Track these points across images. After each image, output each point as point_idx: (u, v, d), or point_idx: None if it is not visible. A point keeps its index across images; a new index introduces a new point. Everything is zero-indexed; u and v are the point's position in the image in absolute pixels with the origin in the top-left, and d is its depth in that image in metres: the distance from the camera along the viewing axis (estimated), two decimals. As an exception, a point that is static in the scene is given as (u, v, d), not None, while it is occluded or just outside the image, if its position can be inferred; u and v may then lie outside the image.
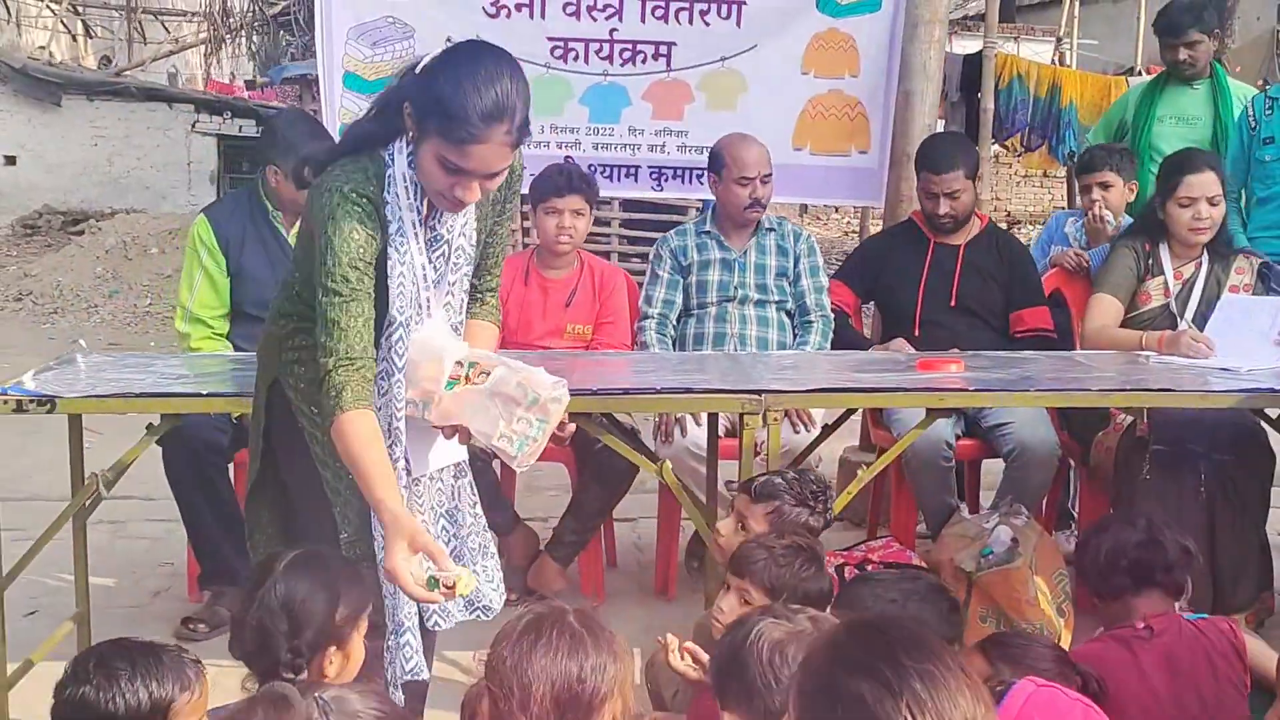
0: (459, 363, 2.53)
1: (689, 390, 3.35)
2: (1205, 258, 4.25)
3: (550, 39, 5.21)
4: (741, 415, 3.31)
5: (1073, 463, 4.50)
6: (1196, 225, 4.16)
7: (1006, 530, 3.75)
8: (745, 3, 5.20)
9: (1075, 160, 9.35)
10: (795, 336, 4.49)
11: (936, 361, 3.76)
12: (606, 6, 5.20)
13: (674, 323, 4.50)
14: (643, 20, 5.23)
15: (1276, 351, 3.74)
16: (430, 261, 2.52)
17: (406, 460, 2.53)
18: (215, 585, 4.12)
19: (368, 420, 2.38)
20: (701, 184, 5.14)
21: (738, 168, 4.44)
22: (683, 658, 2.42)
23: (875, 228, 5.66)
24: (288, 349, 2.63)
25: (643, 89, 5.30)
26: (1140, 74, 13.45)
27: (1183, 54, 5.18)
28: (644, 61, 5.28)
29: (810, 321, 4.47)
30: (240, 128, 15.02)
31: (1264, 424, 3.97)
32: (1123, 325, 4.25)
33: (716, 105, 5.30)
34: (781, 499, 2.89)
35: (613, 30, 5.24)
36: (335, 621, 2.23)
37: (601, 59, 5.27)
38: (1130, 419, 4.01)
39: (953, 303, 4.45)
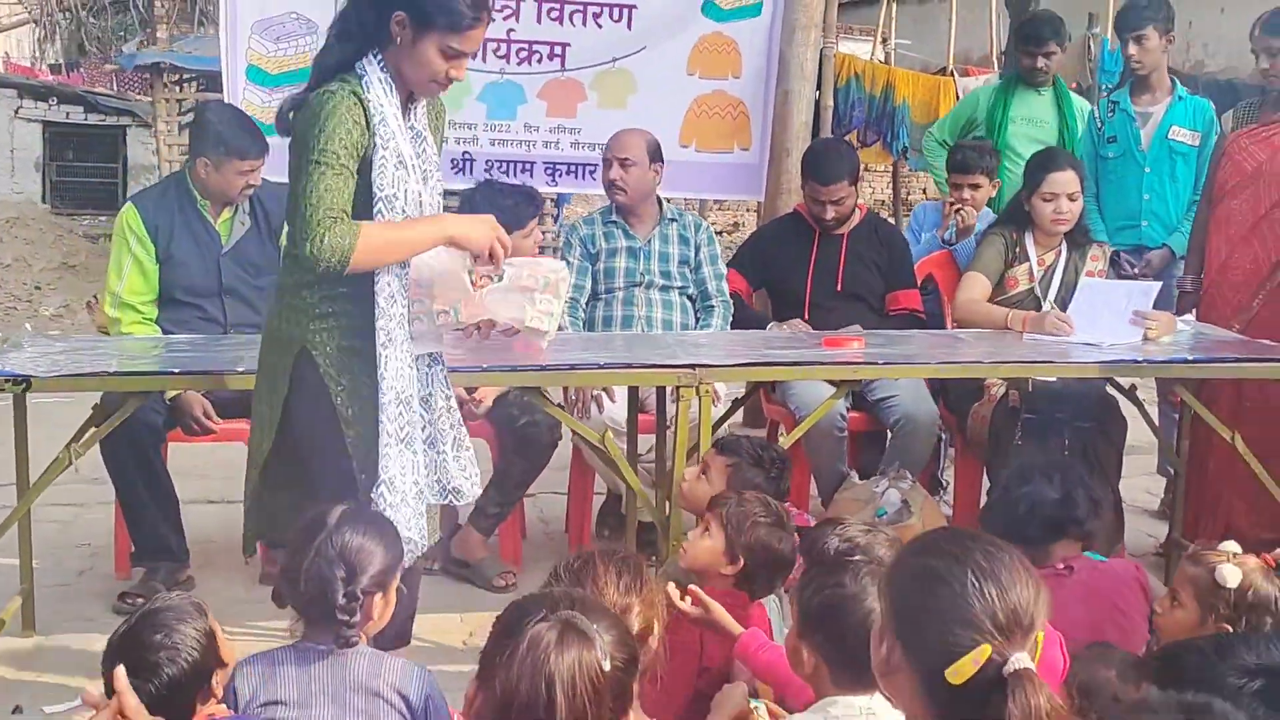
0: (470, 270, 2.85)
1: (629, 365, 3.65)
2: (1064, 247, 4.73)
3: (450, 37, 5.44)
4: (678, 388, 3.62)
5: (943, 435, 4.95)
6: (1058, 217, 4.63)
7: (896, 493, 4.16)
8: (635, 6, 5.54)
9: (906, 155, 9.96)
10: (697, 319, 4.82)
11: (841, 339, 4.15)
12: (504, 7, 5.45)
13: (584, 306, 4.79)
14: (539, 21, 5.52)
15: (1131, 329, 4.23)
16: (415, 153, 2.86)
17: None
18: (149, 562, 4.24)
19: (370, 226, 2.74)
20: (594, 180, 5.44)
21: (607, 151, 4.79)
22: (683, 598, 2.70)
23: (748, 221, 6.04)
24: (315, 317, 2.85)
25: (538, 87, 5.59)
26: (952, 74, 14.27)
27: (1040, 62, 5.67)
28: (539, 61, 5.57)
29: (711, 306, 4.81)
30: (68, 114, 14.66)
31: (1119, 394, 4.47)
32: (992, 307, 4.71)
33: (608, 103, 5.62)
34: (741, 457, 3.23)
35: (510, 30, 5.51)
36: (384, 568, 2.46)
37: (499, 58, 5.54)
38: (1003, 391, 4.47)
39: (839, 288, 4.83)
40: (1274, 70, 4.43)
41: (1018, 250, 4.74)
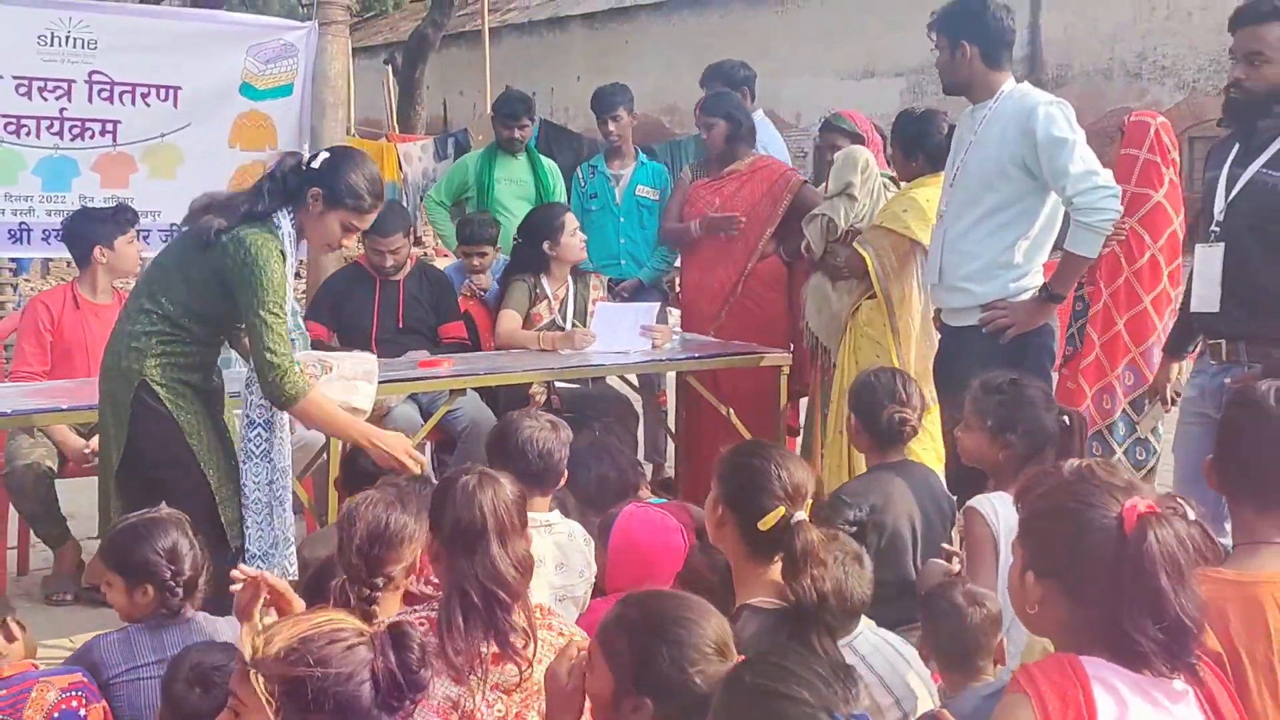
0: (311, 365, 3.77)
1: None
2: (570, 281, 6.01)
3: (3, 115, 5.81)
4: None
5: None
6: (581, 248, 5.88)
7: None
8: (180, 87, 6.18)
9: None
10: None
11: (434, 361, 5.16)
12: (56, 87, 5.89)
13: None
14: (90, 101, 6.00)
15: (643, 340, 5.57)
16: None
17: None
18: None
19: (321, 396, 3.59)
20: (145, 244, 6.01)
21: None
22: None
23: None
24: (152, 355, 3.56)
25: (92, 161, 6.05)
26: (354, 135, 15.50)
27: (516, 133, 6.91)
28: (92, 137, 6.04)
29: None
30: None
31: (630, 390, 5.84)
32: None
33: (158, 174, 6.20)
34: None
35: (63, 109, 5.95)
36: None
37: (52, 134, 5.95)
38: (545, 396, 5.68)
39: (400, 325, 5.81)
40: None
41: (538, 291, 5.94)
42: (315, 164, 3.66)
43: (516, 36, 26.43)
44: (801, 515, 2.68)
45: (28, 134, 5.89)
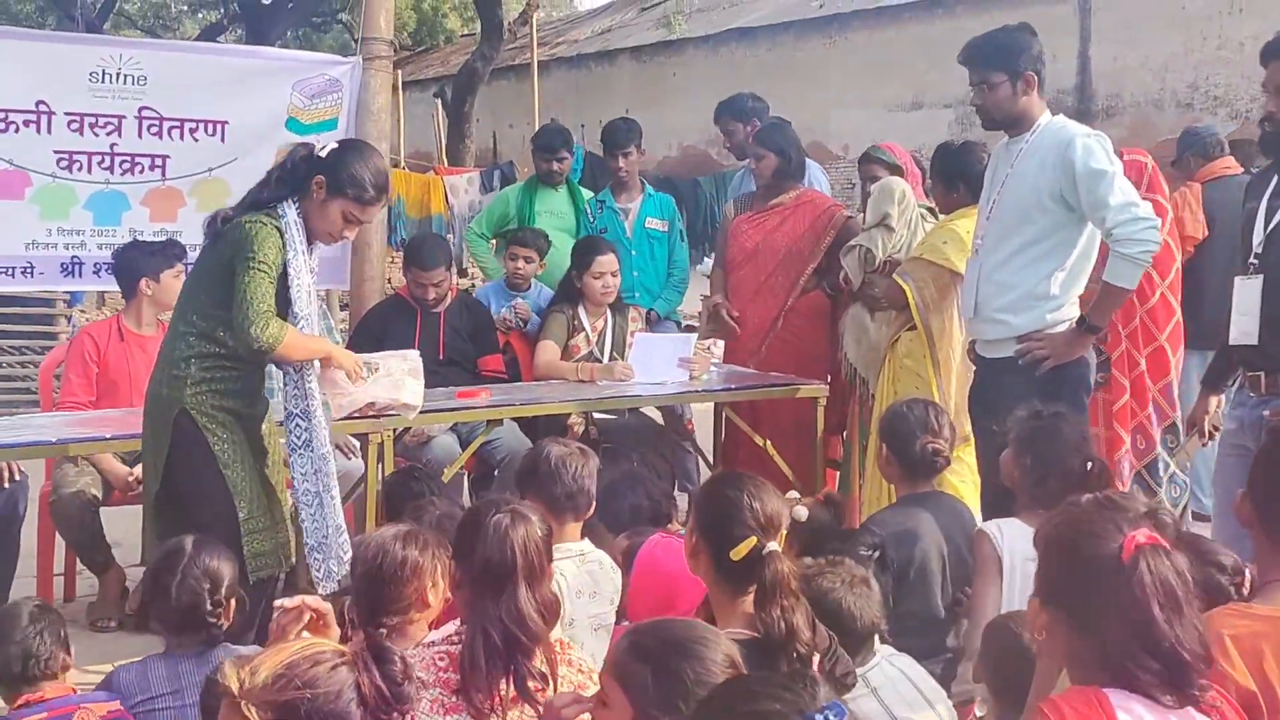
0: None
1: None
2: (609, 313, 6.04)
3: (56, 151, 5.94)
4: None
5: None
6: (606, 291, 5.94)
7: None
8: (228, 122, 6.30)
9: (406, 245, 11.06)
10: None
11: (472, 392, 5.20)
12: (107, 123, 6.02)
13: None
14: (140, 136, 6.12)
15: (680, 371, 5.59)
16: (312, 283, 3.75)
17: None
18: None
19: (295, 332, 3.71)
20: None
21: None
22: None
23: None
24: (192, 383, 3.65)
25: (141, 195, 6.18)
26: (404, 168, 15.67)
27: (555, 166, 6.97)
28: (141, 172, 6.16)
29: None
30: None
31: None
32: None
33: (205, 207, 6.24)
34: None
35: (113, 145, 6.07)
36: (232, 579, 3.19)
37: (103, 169, 6.07)
38: (584, 427, 5.70)
39: (440, 356, 5.87)
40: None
41: (575, 323, 5.98)
42: (323, 154, 3.75)
43: (565, 70, 26.63)
44: (774, 546, 2.68)
45: (79, 169, 6.01)
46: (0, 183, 5.84)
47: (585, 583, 3.57)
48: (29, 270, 6.00)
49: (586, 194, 7.29)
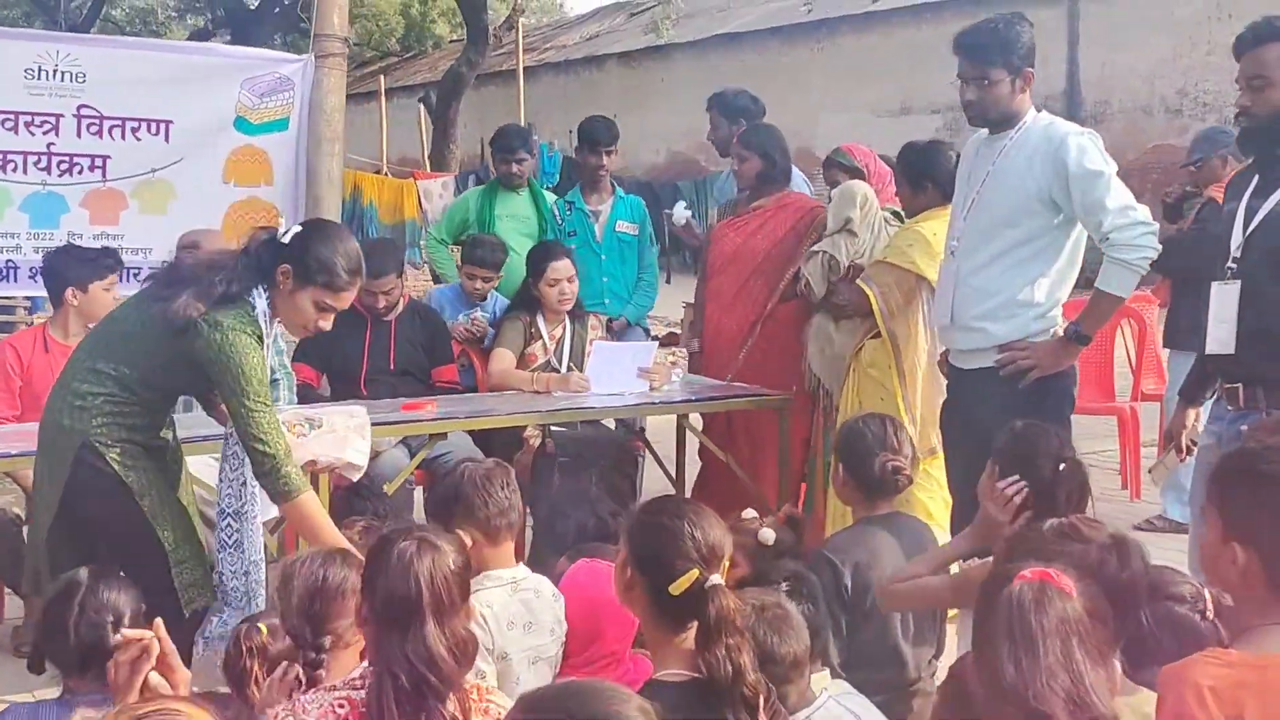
0: (298, 423, 3.65)
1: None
2: (568, 320, 5.79)
3: (-11, 151, 5.69)
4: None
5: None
6: (563, 298, 5.68)
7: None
8: (172, 121, 6.03)
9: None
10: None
11: (419, 404, 4.95)
12: (44, 122, 5.77)
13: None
14: (79, 135, 5.87)
15: (640, 381, 5.35)
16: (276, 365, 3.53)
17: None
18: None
19: (315, 499, 3.47)
20: (138, 282, 5.85)
21: None
22: None
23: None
24: (98, 415, 3.38)
25: (80, 197, 5.92)
26: (386, 173, 15.46)
27: (514, 168, 6.70)
28: (80, 172, 5.91)
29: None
30: None
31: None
32: (517, 378, 5.68)
33: (149, 210, 6.05)
34: None
35: (50, 144, 5.82)
36: (135, 612, 2.93)
37: (40, 170, 5.82)
38: (539, 439, 5.45)
39: (392, 367, 5.61)
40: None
41: (532, 330, 5.73)
42: (286, 238, 3.47)
43: (553, 75, 26.45)
44: (717, 579, 2.44)
45: (14, 170, 5.76)
46: (-69, 185, 5.62)
47: (518, 613, 3.32)
48: (-39, 274, 5.77)
49: (551, 197, 7.05)
